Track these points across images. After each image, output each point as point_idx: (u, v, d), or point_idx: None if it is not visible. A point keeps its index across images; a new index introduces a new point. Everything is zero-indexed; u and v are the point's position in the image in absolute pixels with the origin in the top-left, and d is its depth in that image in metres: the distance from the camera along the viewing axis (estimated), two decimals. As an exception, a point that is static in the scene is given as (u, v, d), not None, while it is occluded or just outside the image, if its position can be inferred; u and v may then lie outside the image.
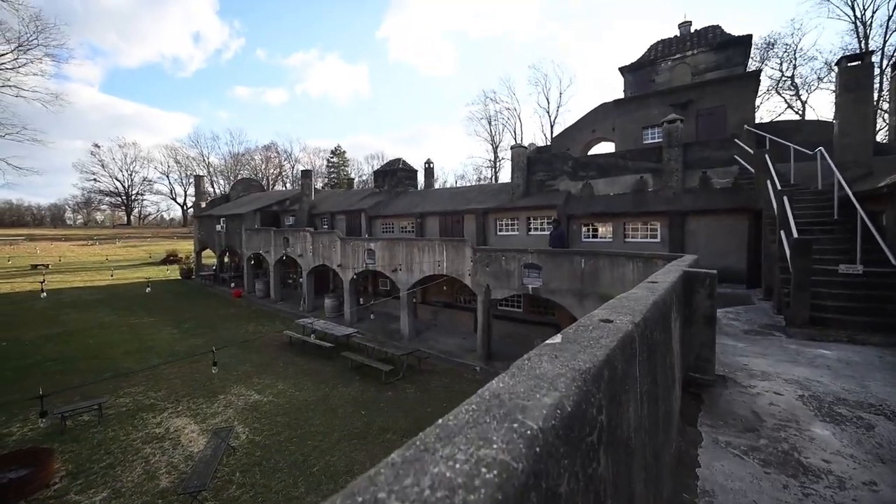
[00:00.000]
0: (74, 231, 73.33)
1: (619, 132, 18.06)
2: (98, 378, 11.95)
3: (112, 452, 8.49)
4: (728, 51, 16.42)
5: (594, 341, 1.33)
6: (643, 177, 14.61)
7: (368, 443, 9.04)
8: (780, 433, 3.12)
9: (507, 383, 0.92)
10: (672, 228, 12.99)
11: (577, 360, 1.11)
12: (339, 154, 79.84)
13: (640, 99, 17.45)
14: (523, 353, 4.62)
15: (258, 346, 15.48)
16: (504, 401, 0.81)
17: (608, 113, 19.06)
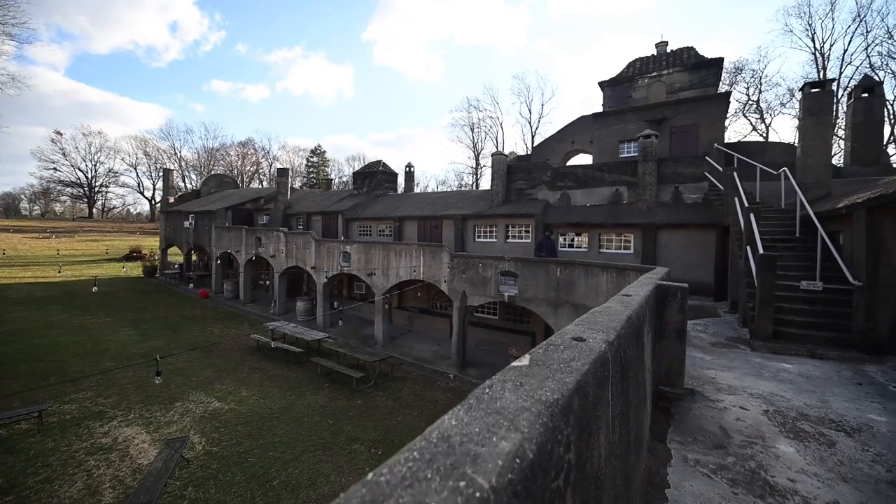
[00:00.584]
0: (29, 222, 68.79)
1: (596, 145, 18.44)
2: (42, 383, 11.08)
3: (50, 465, 7.81)
4: (701, 72, 17.08)
5: (564, 364, 1.19)
6: (619, 189, 14.92)
7: (334, 454, 8.68)
8: (746, 450, 3.10)
9: (462, 420, 0.75)
10: (645, 241, 13.28)
11: (545, 390, 0.96)
12: (320, 154, 78.55)
13: (617, 113, 17.89)
14: (498, 361, 4.55)
15: (223, 350, 14.78)
16: (454, 446, 0.64)
17: (587, 125, 19.46)
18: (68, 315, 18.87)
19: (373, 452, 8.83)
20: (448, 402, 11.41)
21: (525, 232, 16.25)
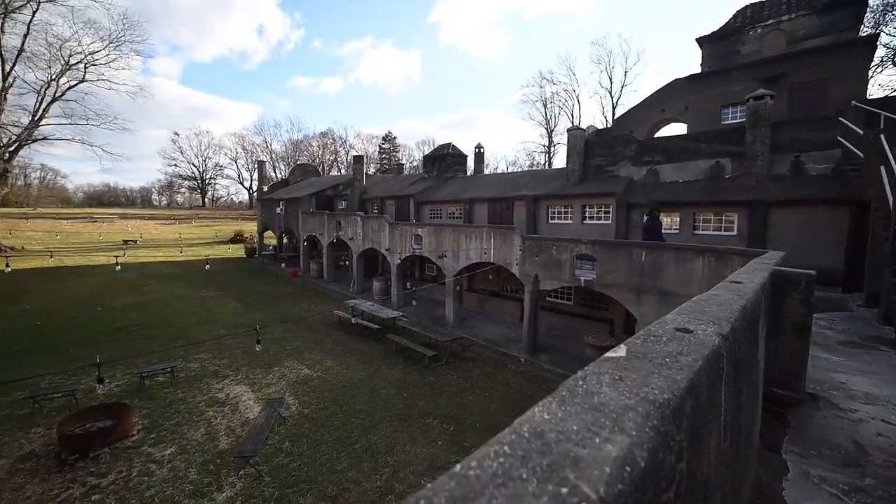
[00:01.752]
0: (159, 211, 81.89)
1: (692, 112, 16.32)
2: (171, 345, 13.23)
3: (180, 412, 9.34)
4: (835, 14, 14.02)
5: (671, 359, 1.00)
6: (719, 162, 13.11)
7: (409, 425, 9.13)
8: (892, 472, 2.54)
9: (555, 414, 0.64)
10: (752, 220, 11.56)
11: (651, 387, 0.81)
12: (390, 140, 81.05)
13: (720, 74, 15.57)
14: (571, 348, 4.22)
15: (310, 324, 16.25)
16: (549, 443, 0.54)
17: (681, 91, 17.28)
18: (189, 289, 22.19)
19: (444, 428, 9.11)
20: (519, 386, 11.31)
21: (605, 213, 15.16)
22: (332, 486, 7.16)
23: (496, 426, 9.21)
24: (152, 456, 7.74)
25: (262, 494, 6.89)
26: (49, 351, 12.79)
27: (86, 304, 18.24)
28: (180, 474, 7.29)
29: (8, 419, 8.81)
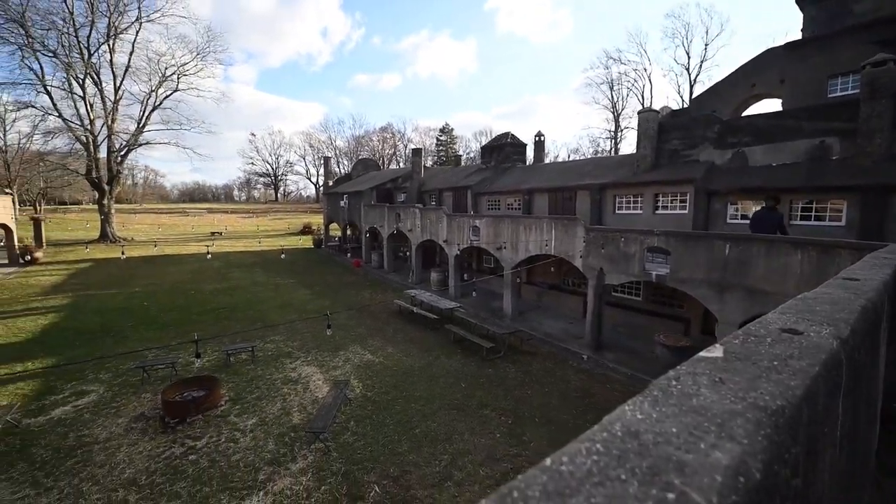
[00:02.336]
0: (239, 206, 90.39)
1: (790, 85, 14.31)
2: (252, 326, 14.61)
3: (260, 388, 10.31)
4: None
5: (780, 362, 0.89)
6: (825, 141, 11.38)
7: (467, 415, 9.23)
8: None
9: (649, 415, 0.60)
10: (866, 209, 9.93)
11: (760, 392, 0.72)
12: (448, 132, 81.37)
13: (827, 39, 13.44)
14: (639, 347, 3.97)
15: (372, 312, 17.01)
16: (646, 445, 0.50)
17: (776, 61, 15.19)
18: (266, 276, 24.29)
19: (502, 420, 9.08)
20: (580, 383, 10.91)
21: (680, 201, 13.94)
22: (393, 466, 7.49)
23: (556, 422, 9.00)
24: (237, 425, 8.64)
25: (330, 468, 7.40)
26: (154, 327, 14.77)
27: (182, 288, 20.76)
28: (260, 443, 8.06)
29: (124, 385, 10.35)
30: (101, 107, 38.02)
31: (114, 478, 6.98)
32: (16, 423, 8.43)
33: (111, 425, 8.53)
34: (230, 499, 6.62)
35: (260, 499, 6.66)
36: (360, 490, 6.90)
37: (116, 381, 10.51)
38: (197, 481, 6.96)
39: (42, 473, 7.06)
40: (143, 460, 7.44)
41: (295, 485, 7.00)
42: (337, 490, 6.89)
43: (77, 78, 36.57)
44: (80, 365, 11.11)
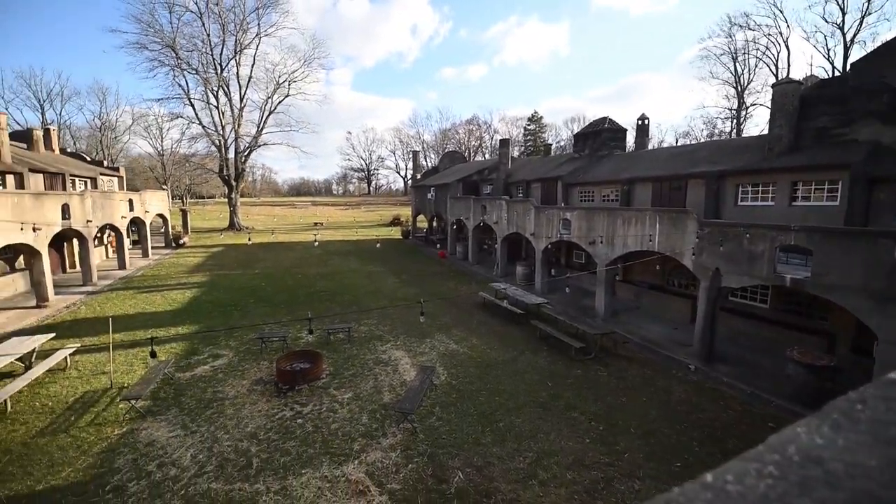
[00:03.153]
0: (337, 199, 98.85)
1: None
2: (347, 310, 15.79)
3: (355, 366, 11.09)
4: None
5: None
6: None
7: (553, 415, 8.82)
8: None
9: (832, 441, 0.46)
10: None
11: None
12: (536, 120, 78.58)
13: None
14: (764, 361, 3.20)
15: (457, 303, 17.23)
16: (837, 476, 0.39)
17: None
18: (360, 264, 26.13)
19: (592, 425, 8.49)
20: (685, 396, 9.71)
21: (828, 192, 11.51)
22: (477, 456, 7.47)
23: (656, 436, 8.13)
24: (336, 397, 9.40)
25: (417, 448, 7.64)
26: (269, 305, 16.82)
27: (291, 272, 23.34)
28: (355, 416, 8.66)
29: (247, 352, 11.94)
30: (230, 114, 44.35)
31: (240, 430, 8.09)
32: (171, 376, 10.26)
33: (237, 385, 9.92)
34: (330, 462, 7.22)
35: (355, 466, 7.14)
36: (445, 473, 7.00)
37: (242, 348, 12.19)
38: (303, 443, 7.73)
39: (188, 419, 8.47)
40: (261, 418, 8.50)
41: (385, 459, 7.37)
42: (423, 470, 7.09)
43: (212, 91, 43.16)
44: (216, 333, 13.12)
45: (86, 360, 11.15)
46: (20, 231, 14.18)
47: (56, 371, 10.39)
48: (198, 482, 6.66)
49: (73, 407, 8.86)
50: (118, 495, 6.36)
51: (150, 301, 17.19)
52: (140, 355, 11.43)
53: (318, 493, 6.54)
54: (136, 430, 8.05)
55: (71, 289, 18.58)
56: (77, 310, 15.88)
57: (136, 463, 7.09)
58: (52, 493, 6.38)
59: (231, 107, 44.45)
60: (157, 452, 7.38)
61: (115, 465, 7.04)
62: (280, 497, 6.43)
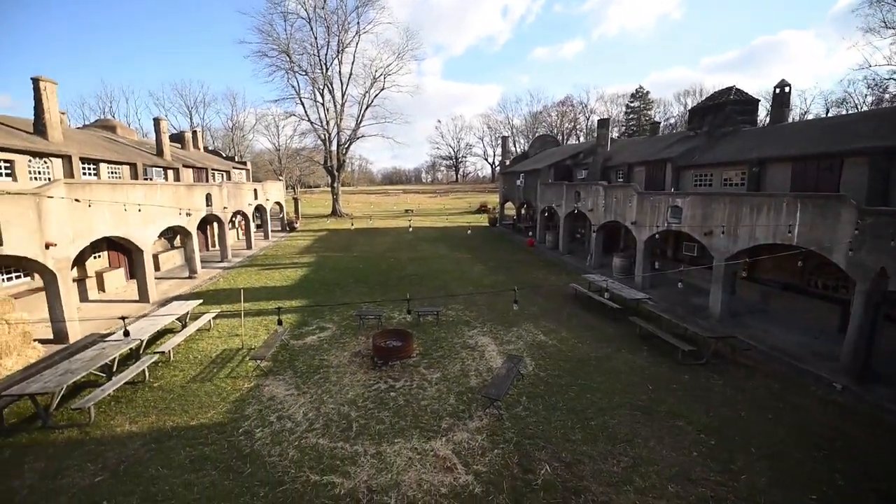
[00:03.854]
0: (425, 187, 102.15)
1: None
2: (436, 294, 16.29)
3: (443, 348, 11.43)
4: None
5: None
6: None
7: (654, 421, 8.04)
8: None
9: None
10: None
11: None
12: (641, 96, 71.22)
13: None
14: None
15: (545, 293, 16.65)
16: None
17: None
18: (447, 250, 26.76)
19: (702, 438, 7.54)
20: (826, 418, 8.08)
21: None
22: (566, 452, 7.16)
23: (784, 460, 6.93)
24: (425, 376, 9.81)
25: (503, 435, 7.61)
26: (366, 285, 18.17)
27: (384, 256, 24.88)
28: (443, 396, 8.94)
29: (347, 327, 13.07)
30: (333, 110, 48.37)
31: (342, 395, 8.94)
32: (286, 343, 11.74)
33: (339, 356, 10.95)
34: (420, 435, 7.58)
35: (442, 444, 7.38)
36: (531, 464, 6.86)
37: (343, 323, 13.41)
38: (396, 414, 8.24)
39: (300, 381, 9.62)
40: (359, 387, 9.27)
41: (471, 440, 7.48)
42: (508, 457, 7.03)
43: (319, 89, 47.45)
44: (321, 307, 14.62)
45: (224, 323, 13.30)
46: (178, 215, 17.37)
47: (203, 331, 12.60)
48: (308, 437, 7.54)
49: (216, 361, 10.66)
50: (248, 438, 7.51)
51: (270, 277, 19.83)
52: (263, 323, 13.28)
53: (408, 462, 6.92)
54: (261, 385, 9.40)
55: (212, 264, 22.32)
56: (216, 281, 19.03)
57: (261, 413, 8.29)
58: (201, 429, 7.79)
59: (334, 103, 48.48)
60: (276, 406, 8.53)
61: (245, 412, 8.32)
62: (375, 460, 6.95)
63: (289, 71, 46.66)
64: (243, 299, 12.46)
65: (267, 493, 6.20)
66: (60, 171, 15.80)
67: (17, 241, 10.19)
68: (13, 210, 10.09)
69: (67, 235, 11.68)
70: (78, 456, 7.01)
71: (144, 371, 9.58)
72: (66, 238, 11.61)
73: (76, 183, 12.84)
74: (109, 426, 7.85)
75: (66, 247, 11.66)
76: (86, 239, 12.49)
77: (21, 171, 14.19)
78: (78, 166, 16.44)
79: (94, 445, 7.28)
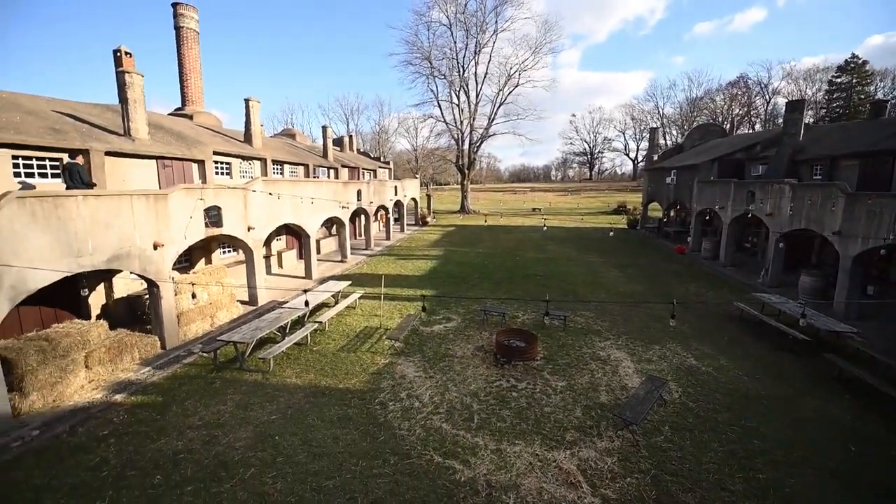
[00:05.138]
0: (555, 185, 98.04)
1: None
2: (564, 298, 15.40)
3: (570, 355, 10.72)
4: None
5: None
6: None
7: (856, 494, 6.04)
8: None
9: None
10: None
11: None
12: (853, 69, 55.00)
13: None
14: None
15: (698, 310, 14.19)
16: None
17: None
18: (577, 252, 25.11)
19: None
20: None
21: None
22: (721, 503, 5.93)
23: None
24: (549, 382, 9.34)
25: (637, 465, 6.71)
26: (490, 281, 18.29)
27: (509, 253, 24.70)
28: (568, 406, 8.36)
29: (471, 321, 13.34)
30: (467, 110, 50.04)
31: (465, 386, 9.14)
32: (417, 328, 12.61)
33: (463, 347, 11.25)
34: (542, 442, 7.23)
35: (566, 457, 6.89)
36: (674, 506, 5.88)
37: (467, 316, 13.76)
38: (517, 415, 8.03)
39: (428, 365, 10.20)
40: (481, 381, 9.35)
41: (599, 461, 6.81)
42: (644, 490, 6.16)
43: (455, 91, 49.64)
44: (447, 299, 15.28)
45: (366, 304, 15.02)
46: (338, 208, 20.28)
47: (350, 308, 14.44)
48: (433, 419, 7.92)
49: (359, 336, 12.10)
50: (383, 408, 8.28)
51: (404, 266, 21.64)
52: (397, 307, 14.53)
53: (529, 467, 6.66)
54: (394, 363, 10.28)
55: (358, 251, 25.51)
56: (361, 267, 21.65)
57: (393, 388, 9.06)
58: (346, 392, 8.91)
59: (469, 103, 50.15)
60: (407, 385, 9.21)
61: (381, 385, 9.20)
62: (495, 456, 6.88)
63: (429, 76, 50.08)
64: (383, 284, 13.83)
65: (396, 463, 6.72)
66: (259, 171, 20.03)
67: (231, 224, 13.26)
68: (230, 201, 13.16)
69: (261, 221, 14.73)
70: (260, 395, 8.76)
71: (307, 336, 11.45)
72: (260, 223, 14.65)
73: (269, 180, 16.09)
74: (281, 376, 9.61)
75: (260, 230, 14.72)
76: (273, 224, 15.56)
77: (235, 171, 18.47)
78: (270, 167, 20.60)
79: (271, 390, 9.00)
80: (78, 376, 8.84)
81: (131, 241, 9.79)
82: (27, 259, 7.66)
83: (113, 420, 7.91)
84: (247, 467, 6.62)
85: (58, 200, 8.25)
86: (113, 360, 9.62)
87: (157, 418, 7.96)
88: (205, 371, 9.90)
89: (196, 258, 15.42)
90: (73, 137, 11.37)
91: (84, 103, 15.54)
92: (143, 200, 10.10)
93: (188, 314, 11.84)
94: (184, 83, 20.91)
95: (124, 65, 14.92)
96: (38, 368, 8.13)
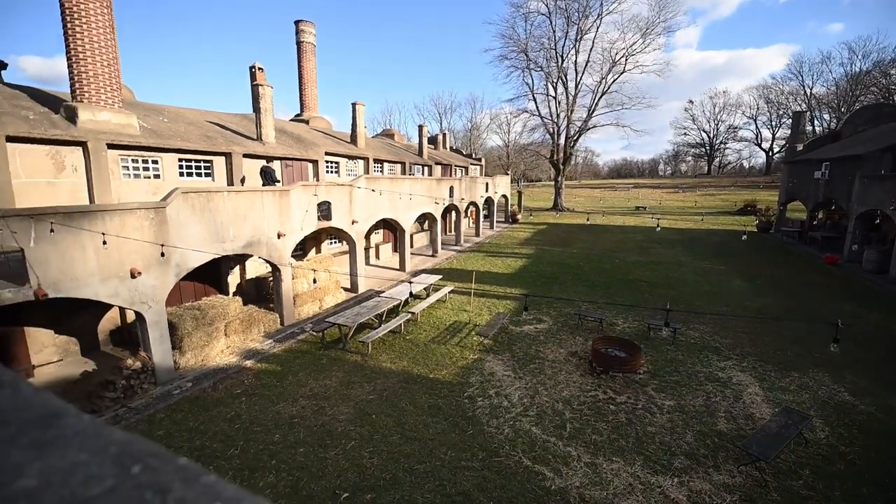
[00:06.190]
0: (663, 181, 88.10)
1: None
2: (673, 307, 13.75)
3: (680, 373, 9.51)
4: None
5: None
6: None
7: None
8: None
9: None
10: None
11: None
12: None
13: None
14: None
15: (855, 335, 11.46)
16: None
17: None
18: (690, 257, 22.22)
19: None
20: None
21: None
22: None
23: None
24: (654, 399, 8.41)
25: (767, 511, 5.67)
26: (585, 284, 17.17)
27: (608, 255, 22.90)
28: (677, 430, 7.43)
29: (565, 324, 12.66)
30: (565, 102, 47.48)
31: (556, 392, 8.72)
32: (506, 327, 12.43)
33: (555, 351, 10.74)
34: (644, 464, 6.56)
35: (674, 484, 6.14)
36: (820, 574, 4.81)
37: (560, 319, 13.12)
38: (615, 431, 7.40)
39: (517, 365, 9.95)
40: (574, 389, 8.82)
41: (714, 496, 5.94)
42: (777, 546, 5.17)
43: (552, 83, 47.41)
44: (538, 299, 14.75)
45: (456, 298, 15.27)
46: (431, 204, 20.97)
47: (441, 301, 14.83)
48: (522, 421, 7.71)
49: (449, 329, 12.35)
50: (471, 403, 8.33)
51: (493, 263, 21.51)
52: (486, 304, 14.48)
53: (628, 488, 6.09)
54: (483, 360, 10.27)
55: (449, 246, 26.08)
56: (451, 262, 22.08)
57: (482, 384, 9.05)
58: (436, 382, 9.16)
59: (566, 94, 47.57)
60: (495, 382, 9.13)
61: (469, 380, 9.26)
62: (589, 470, 6.44)
63: (525, 69, 48.55)
64: (474, 281, 13.90)
65: (484, 458, 6.69)
66: (362, 169, 21.67)
67: (338, 218, 14.56)
68: (338, 196, 14.45)
69: (363, 215, 15.91)
70: (359, 375, 9.48)
71: (401, 325, 12.07)
72: (362, 217, 15.84)
73: (371, 177, 17.29)
74: (378, 360, 10.27)
75: (363, 223, 15.91)
76: (373, 218, 16.70)
77: (342, 170, 20.22)
78: (372, 165, 22.15)
79: (369, 372, 9.68)
80: (219, 342, 10.59)
81: (261, 231, 11.36)
82: (188, 243, 9.37)
83: (244, 382, 9.29)
84: (348, 439, 7.22)
85: (209, 195, 9.93)
86: (245, 330, 11.31)
87: (277, 385, 9.13)
88: (314, 348, 11.07)
89: (308, 247, 17.32)
90: (220, 143, 13.59)
91: (227, 113, 18.51)
92: (270, 196, 11.64)
93: (302, 296, 13.37)
94: (302, 91, 23.61)
95: (258, 78, 17.37)
96: (193, 332, 9.94)
